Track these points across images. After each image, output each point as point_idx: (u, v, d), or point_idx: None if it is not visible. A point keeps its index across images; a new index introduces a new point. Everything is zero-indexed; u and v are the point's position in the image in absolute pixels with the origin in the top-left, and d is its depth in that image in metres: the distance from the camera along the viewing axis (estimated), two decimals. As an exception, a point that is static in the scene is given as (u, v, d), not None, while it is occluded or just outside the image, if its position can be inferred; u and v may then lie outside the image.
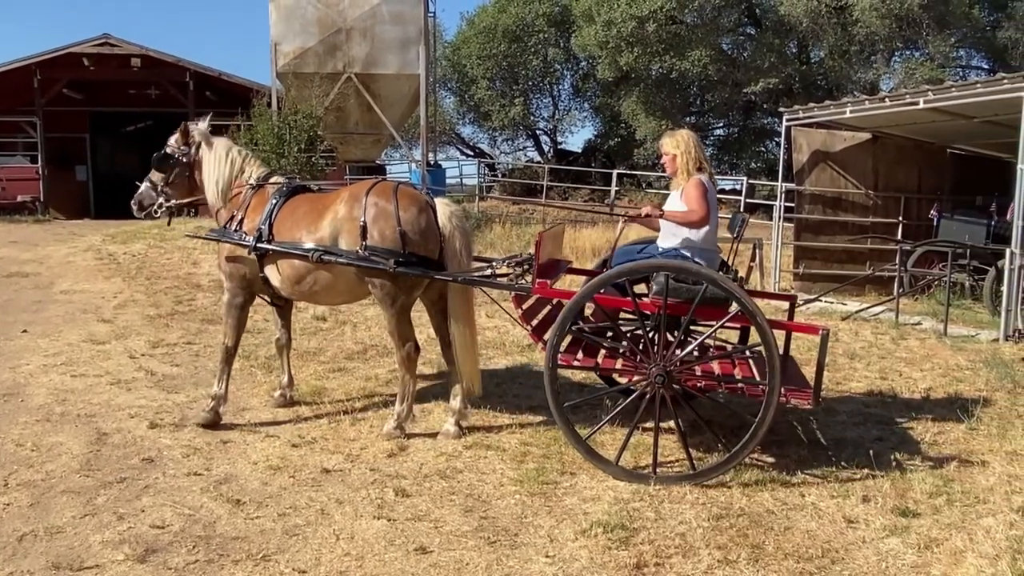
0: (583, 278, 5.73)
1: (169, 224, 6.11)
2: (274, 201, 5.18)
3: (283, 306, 5.70)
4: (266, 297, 5.56)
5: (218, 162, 5.39)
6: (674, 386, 4.36)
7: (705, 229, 4.67)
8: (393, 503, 4.02)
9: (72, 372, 6.34)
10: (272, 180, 5.41)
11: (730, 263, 5.18)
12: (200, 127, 5.49)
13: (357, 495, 4.11)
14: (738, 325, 5.01)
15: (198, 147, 5.45)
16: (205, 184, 5.44)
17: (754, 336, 5.58)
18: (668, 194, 5.06)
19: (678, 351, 4.42)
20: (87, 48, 22.83)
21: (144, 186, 5.51)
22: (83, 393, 5.81)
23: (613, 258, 4.95)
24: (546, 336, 4.76)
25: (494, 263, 5.30)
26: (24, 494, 4.06)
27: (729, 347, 5.35)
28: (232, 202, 5.34)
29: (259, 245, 5.04)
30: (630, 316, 5.14)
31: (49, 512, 3.88)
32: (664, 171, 5.10)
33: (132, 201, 5.53)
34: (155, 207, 5.50)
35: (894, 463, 4.61)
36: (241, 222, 5.20)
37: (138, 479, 4.27)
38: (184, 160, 5.45)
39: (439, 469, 4.47)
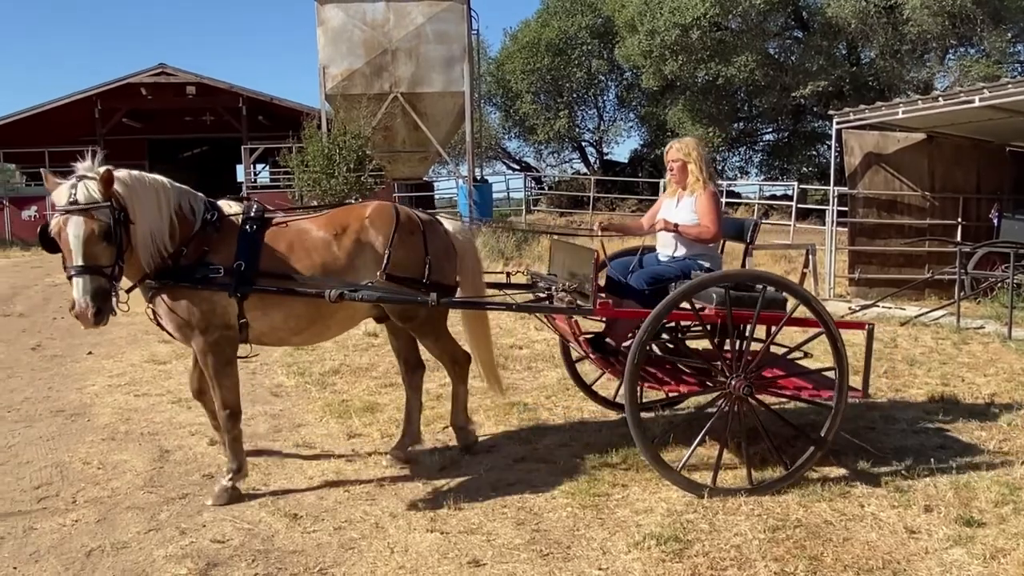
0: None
1: (128, 310, 4.18)
2: (249, 229, 4.27)
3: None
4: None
5: (150, 202, 4.03)
6: (751, 399, 4.31)
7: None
8: (446, 516, 4.05)
9: (135, 392, 6.55)
10: (230, 211, 4.36)
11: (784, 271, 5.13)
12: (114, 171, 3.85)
13: (410, 508, 4.15)
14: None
15: (119, 196, 3.87)
16: (139, 239, 3.98)
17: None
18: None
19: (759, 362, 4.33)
20: (144, 78, 23.77)
21: (90, 283, 3.73)
22: (146, 412, 5.99)
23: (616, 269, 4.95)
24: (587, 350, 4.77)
25: (552, 287, 4.89)
26: (91, 511, 4.21)
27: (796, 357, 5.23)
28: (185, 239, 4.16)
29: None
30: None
31: (115, 528, 4.00)
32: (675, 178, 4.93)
33: (85, 312, 3.72)
34: (117, 302, 3.92)
35: (957, 471, 4.48)
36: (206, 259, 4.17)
37: (199, 495, 4.38)
38: (124, 218, 3.88)
39: (490, 482, 4.49)
